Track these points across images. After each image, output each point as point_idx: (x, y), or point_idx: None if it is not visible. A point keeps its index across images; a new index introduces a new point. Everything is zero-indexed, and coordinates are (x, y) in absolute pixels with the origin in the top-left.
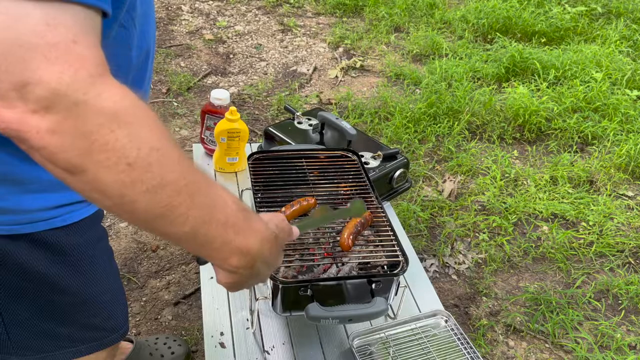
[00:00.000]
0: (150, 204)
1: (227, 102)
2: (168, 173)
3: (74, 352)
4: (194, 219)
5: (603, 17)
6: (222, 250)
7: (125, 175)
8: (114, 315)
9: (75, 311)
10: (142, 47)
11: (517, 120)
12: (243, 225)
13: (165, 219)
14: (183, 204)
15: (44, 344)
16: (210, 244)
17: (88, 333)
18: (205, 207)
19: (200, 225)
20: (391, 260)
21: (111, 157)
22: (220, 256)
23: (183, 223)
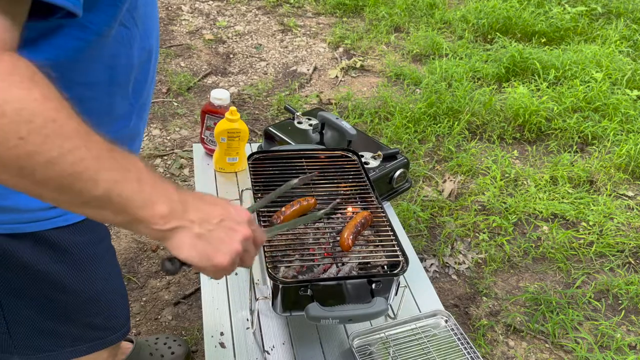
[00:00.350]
0: (53, 174)
1: (227, 102)
2: (66, 142)
3: (75, 351)
4: (104, 181)
5: (603, 17)
6: (145, 207)
7: (19, 150)
8: (116, 315)
9: (77, 310)
10: (144, 47)
11: (517, 120)
12: (156, 177)
13: (74, 187)
14: (90, 168)
15: (46, 343)
16: (131, 202)
17: (89, 332)
18: (114, 169)
19: (113, 186)
20: (391, 260)
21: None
22: (147, 214)
23: (94, 187)
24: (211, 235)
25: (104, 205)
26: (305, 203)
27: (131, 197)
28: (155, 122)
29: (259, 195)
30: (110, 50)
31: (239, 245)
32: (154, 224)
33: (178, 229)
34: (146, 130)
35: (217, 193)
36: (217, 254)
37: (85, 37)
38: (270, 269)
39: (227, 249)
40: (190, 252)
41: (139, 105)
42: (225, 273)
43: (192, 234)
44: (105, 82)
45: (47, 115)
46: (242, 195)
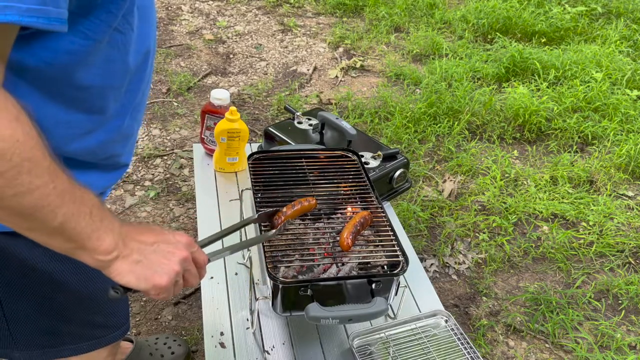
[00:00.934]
0: (18, 205)
1: (227, 102)
2: (36, 179)
3: (75, 349)
4: (62, 215)
5: (603, 17)
6: (92, 239)
7: None
8: (115, 313)
9: (76, 308)
10: (140, 51)
11: (517, 120)
12: (105, 213)
13: (34, 217)
14: (52, 203)
15: (46, 340)
16: (81, 234)
17: (89, 330)
18: (72, 203)
19: (69, 219)
20: (391, 260)
21: None
22: (93, 245)
23: (53, 219)
24: (148, 259)
25: (56, 234)
26: (307, 203)
27: (82, 230)
28: (155, 122)
29: (259, 195)
30: (105, 55)
31: (177, 265)
32: (97, 254)
33: (118, 258)
34: (146, 130)
35: (217, 193)
36: (154, 275)
37: (80, 41)
38: (270, 269)
39: (164, 270)
40: (129, 277)
41: (132, 106)
42: (167, 293)
43: (130, 261)
44: (99, 85)
45: (25, 155)
46: (242, 195)
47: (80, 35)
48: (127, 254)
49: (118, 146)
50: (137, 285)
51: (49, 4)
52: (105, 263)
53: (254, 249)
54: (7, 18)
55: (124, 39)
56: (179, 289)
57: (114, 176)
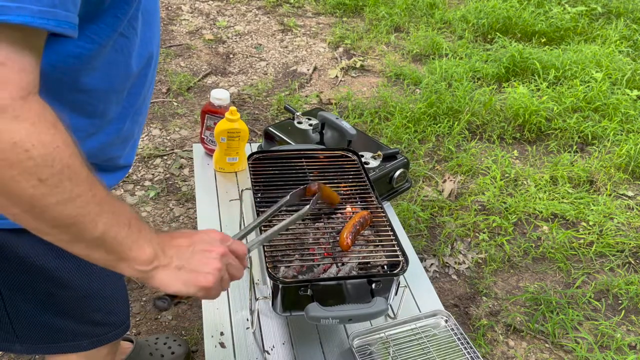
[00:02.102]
0: (59, 214)
1: (227, 102)
2: (77, 187)
3: (76, 346)
4: (103, 224)
5: (603, 17)
6: (133, 248)
7: (36, 190)
8: (116, 311)
9: (77, 305)
10: (142, 55)
11: (517, 120)
12: (142, 224)
13: (75, 227)
14: (92, 212)
15: (47, 335)
16: (122, 244)
17: (90, 328)
18: (111, 213)
19: (109, 229)
20: (391, 260)
21: (23, 174)
22: (134, 255)
23: (94, 228)
24: (189, 262)
25: (98, 246)
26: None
27: (123, 240)
28: (155, 122)
29: (259, 195)
30: (109, 59)
31: (218, 262)
32: (139, 264)
33: (159, 267)
34: (146, 130)
35: (217, 193)
36: (199, 277)
37: (85, 45)
38: (270, 269)
39: (207, 269)
40: (175, 284)
41: (134, 109)
42: (216, 291)
43: (172, 269)
44: (102, 89)
45: (65, 161)
46: (242, 195)
47: (86, 39)
48: (168, 262)
49: (117, 149)
50: (186, 291)
51: (58, 7)
52: (147, 274)
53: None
54: (20, 19)
55: (128, 43)
56: (227, 285)
57: (115, 177)
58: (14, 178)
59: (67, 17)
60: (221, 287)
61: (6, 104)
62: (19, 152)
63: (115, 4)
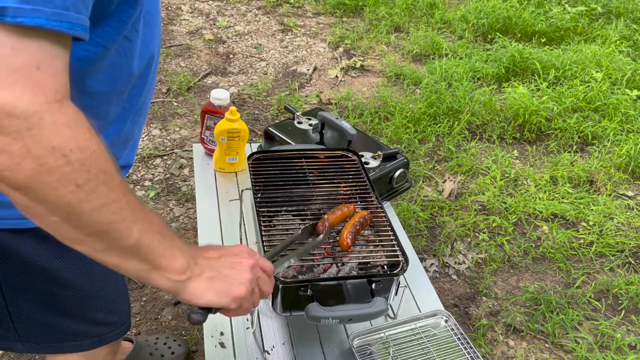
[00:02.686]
0: (95, 221)
1: (227, 102)
2: (112, 192)
3: (77, 345)
4: (138, 231)
5: (603, 17)
6: (167, 256)
7: (73, 196)
8: (117, 311)
9: (78, 305)
10: (144, 56)
11: (517, 120)
12: (173, 233)
13: (110, 234)
14: (127, 218)
15: (48, 335)
16: (155, 252)
17: (91, 328)
18: (145, 220)
19: (143, 236)
20: (391, 260)
21: (61, 180)
22: (167, 264)
23: (128, 235)
24: (221, 273)
25: (132, 254)
26: (346, 209)
27: (156, 249)
28: (155, 122)
29: (259, 195)
30: (112, 62)
31: (249, 273)
32: (172, 274)
33: (192, 278)
34: (146, 130)
35: (217, 193)
36: (232, 287)
37: (90, 48)
38: None
39: (239, 279)
40: (209, 295)
41: (134, 110)
42: (249, 304)
43: (204, 279)
44: (105, 91)
45: (101, 166)
46: (242, 195)
47: (91, 42)
48: (200, 272)
49: (117, 149)
50: (219, 302)
51: (70, 9)
52: (180, 284)
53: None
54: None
55: (131, 45)
56: (258, 299)
57: None
58: (52, 184)
59: (79, 19)
60: (252, 301)
61: (44, 108)
62: (57, 157)
63: (121, 8)
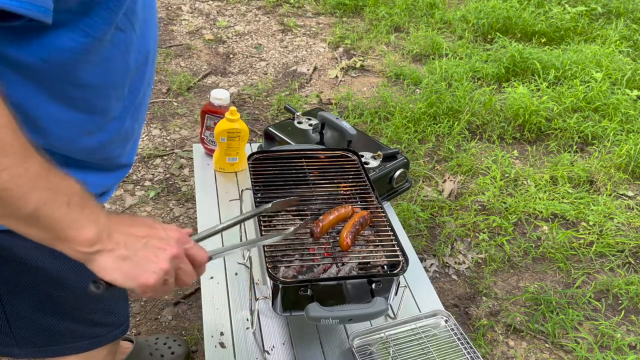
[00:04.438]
0: None
1: (227, 102)
2: (5, 158)
3: (75, 347)
4: (36, 200)
5: (603, 17)
6: (72, 227)
7: None
8: (114, 312)
9: (75, 306)
10: (141, 51)
11: (517, 120)
12: (88, 202)
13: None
14: (23, 186)
15: (45, 338)
16: (58, 223)
17: (88, 329)
18: (48, 190)
19: (42, 206)
20: (391, 260)
21: None
22: (73, 235)
23: (25, 205)
24: (137, 255)
25: (32, 223)
26: (343, 210)
27: (59, 219)
28: (155, 122)
29: (259, 195)
30: (106, 53)
31: (167, 263)
32: (77, 245)
33: (102, 252)
34: (146, 130)
35: (217, 193)
36: (142, 274)
37: (79, 39)
38: (270, 269)
39: (153, 268)
40: (115, 274)
41: (134, 107)
42: (155, 293)
43: (115, 256)
44: (100, 84)
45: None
46: (242, 195)
47: (80, 32)
48: (112, 248)
49: (117, 147)
50: (123, 284)
51: None
52: (87, 256)
53: (254, 248)
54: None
55: (126, 37)
56: (169, 289)
57: (116, 176)
58: None
59: (43, 2)
60: (163, 290)
61: None
62: None
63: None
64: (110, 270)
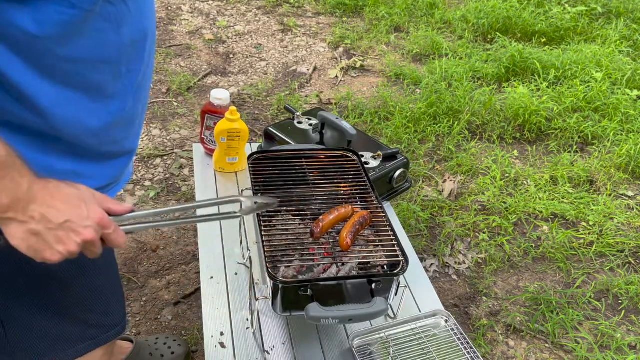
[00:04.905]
0: None
1: (227, 102)
2: None
3: (74, 352)
4: None
5: (603, 17)
6: None
7: None
8: (111, 312)
9: (72, 305)
10: (136, 27)
11: (517, 120)
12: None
13: None
14: None
15: (42, 344)
16: None
17: (85, 330)
18: None
19: None
20: (391, 260)
21: None
22: None
23: None
24: (48, 233)
25: None
26: (343, 210)
27: None
28: (155, 122)
29: (259, 195)
30: (96, 27)
31: (76, 247)
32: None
33: (13, 220)
34: (146, 130)
35: (217, 193)
36: (47, 251)
37: (66, 11)
38: (270, 269)
39: (60, 249)
40: (20, 243)
41: (134, 87)
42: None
43: (25, 229)
44: (91, 58)
45: None
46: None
47: (67, 4)
48: (25, 221)
49: (122, 130)
50: (26, 253)
51: None
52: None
53: (254, 248)
54: None
55: (116, 10)
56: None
57: (121, 163)
58: None
59: None
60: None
61: None
62: None
63: None
64: (17, 239)
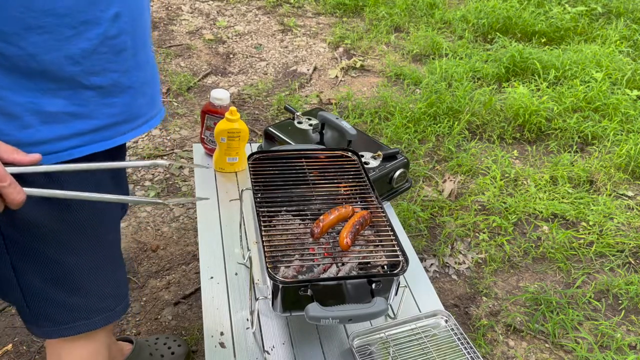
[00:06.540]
0: None
1: (227, 102)
2: None
3: (90, 324)
4: None
5: (603, 17)
6: None
7: None
8: (122, 283)
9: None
10: None
11: (517, 120)
12: None
13: None
14: None
15: (60, 314)
16: None
17: (101, 303)
18: None
19: None
20: (391, 260)
21: None
22: None
23: None
24: None
25: None
26: (344, 210)
27: None
28: None
29: (259, 195)
30: None
31: None
32: None
33: None
34: None
35: (217, 193)
36: None
37: None
38: (270, 269)
39: None
40: None
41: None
42: None
43: None
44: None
45: None
46: (242, 195)
47: None
48: None
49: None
50: None
51: None
52: None
53: (254, 248)
54: None
55: None
56: None
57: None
58: None
59: None
60: None
61: None
62: None
63: None
64: None
